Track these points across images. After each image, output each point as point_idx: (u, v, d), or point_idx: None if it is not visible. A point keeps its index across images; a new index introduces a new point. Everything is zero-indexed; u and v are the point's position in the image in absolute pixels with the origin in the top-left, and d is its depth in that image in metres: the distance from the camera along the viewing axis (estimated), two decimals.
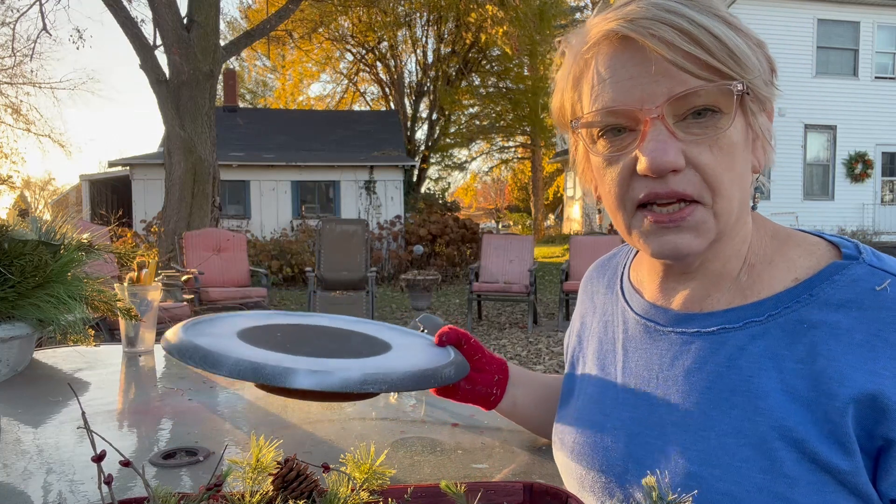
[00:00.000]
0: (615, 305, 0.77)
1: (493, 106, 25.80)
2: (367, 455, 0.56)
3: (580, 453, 0.72)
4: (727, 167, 0.58)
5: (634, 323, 0.72)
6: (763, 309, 0.61)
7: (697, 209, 0.59)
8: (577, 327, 0.85)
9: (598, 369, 0.75)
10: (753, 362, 0.59)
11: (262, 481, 0.51)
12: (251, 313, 0.94)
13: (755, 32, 0.60)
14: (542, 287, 11.04)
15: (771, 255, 0.64)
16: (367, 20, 21.39)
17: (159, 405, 1.13)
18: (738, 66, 0.56)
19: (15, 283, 0.80)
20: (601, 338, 0.77)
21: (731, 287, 0.64)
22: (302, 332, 0.90)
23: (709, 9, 0.57)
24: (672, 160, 0.56)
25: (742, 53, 0.56)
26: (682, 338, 0.65)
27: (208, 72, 9.14)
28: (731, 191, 0.59)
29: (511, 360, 5.87)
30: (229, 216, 14.60)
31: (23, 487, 0.78)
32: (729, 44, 0.56)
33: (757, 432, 0.57)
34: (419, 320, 1.22)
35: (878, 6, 15.31)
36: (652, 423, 0.65)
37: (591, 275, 0.87)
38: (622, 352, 0.72)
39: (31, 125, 21.13)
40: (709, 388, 0.61)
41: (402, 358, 0.81)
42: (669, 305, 0.68)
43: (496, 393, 0.87)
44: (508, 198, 44.09)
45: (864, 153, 15.56)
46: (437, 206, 16.61)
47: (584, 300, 0.85)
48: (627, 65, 0.58)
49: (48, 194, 28.47)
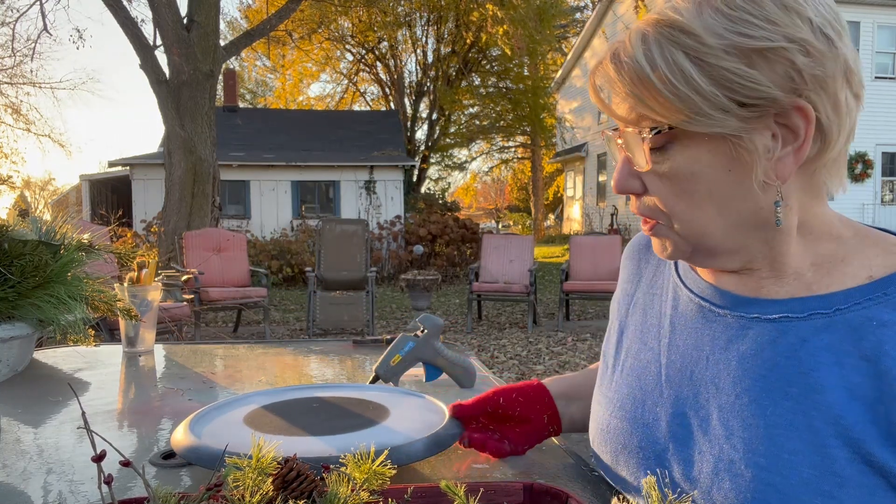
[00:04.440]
0: (666, 279, 0.76)
1: (493, 106, 25.78)
2: (367, 455, 0.56)
3: (617, 428, 0.71)
4: (680, 194, 0.62)
5: (687, 300, 0.70)
6: (832, 302, 0.60)
7: (658, 225, 0.65)
8: (618, 297, 0.83)
9: (640, 342, 0.74)
10: (814, 355, 0.58)
11: (262, 481, 0.51)
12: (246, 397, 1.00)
13: (782, 30, 0.55)
14: (542, 287, 11.03)
15: (844, 254, 0.63)
16: (367, 20, 21.38)
17: (159, 405, 1.13)
18: (664, 109, 0.58)
19: (15, 283, 0.80)
20: (646, 310, 0.76)
21: (793, 282, 0.63)
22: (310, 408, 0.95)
23: (673, 38, 0.57)
24: (623, 188, 0.65)
25: (673, 92, 0.56)
26: (739, 321, 0.64)
27: (208, 72, 9.13)
28: (692, 214, 0.62)
29: (511, 360, 5.84)
30: (229, 216, 14.59)
31: (23, 487, 0.78)
32: (658, 85, 0.57)
33: (811, 427, 0.56)
34: (419, 320, 1.22)
35: (878, 6, 15.30)
36: (697, 404, 0.64)
37: (640, 241, 0.84)
38: (669, 327, 0.71)
39: (31, 125, 21.13)
40: (763, 377, 0.60)
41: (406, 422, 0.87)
42: (727, 287, 0.67)
43: (553, 429, 0.88)
44: (508, 198, 44.08)
45: (864, 153, 15.56)
46: (437, 206, 16.60)
47: (629, 267, 0.84)
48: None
49: (48, 194, 28.48)
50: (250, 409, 0.93)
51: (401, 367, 1.16)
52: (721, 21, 0.56)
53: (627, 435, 0.70)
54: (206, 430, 0.84)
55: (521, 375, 5.42)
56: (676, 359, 0.69)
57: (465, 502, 0.51)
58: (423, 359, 1.20)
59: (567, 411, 0.87)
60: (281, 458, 0.53)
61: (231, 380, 1.32)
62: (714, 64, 0.56)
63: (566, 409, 0.87)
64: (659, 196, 0.63)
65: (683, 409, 0.65)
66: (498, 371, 5.60)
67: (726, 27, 0.56)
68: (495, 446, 0.85)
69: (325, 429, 0.84)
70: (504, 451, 0.85)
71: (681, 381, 0.67)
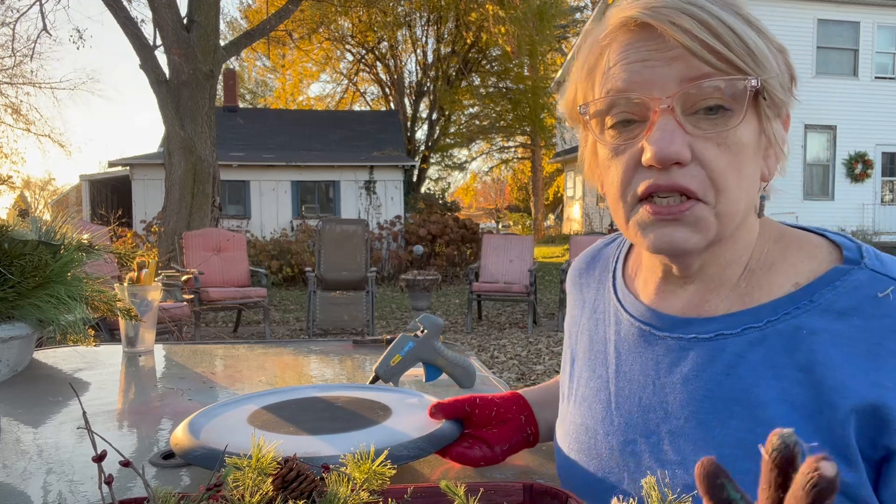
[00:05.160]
0: (607, 303, 0.74)
1: (493, 106, 25.82)
2: (367, 455, 0.56)
3: (575, 460, 0.71)
4: (734, 167, 0.57)
5: (628, 325, 0.69)
6: (762, 314, 0.59)
7: (698, 205, 0.57)
8: (568, 322, 0.82)
9: (590, 370, 0.73)
10: (753, 371, 0.57)
11: (262, 481, 0.51)
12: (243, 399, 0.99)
13: (777, 37, 0.59)
14: (542, 287, 11.03)
15: (773, 260, 0.62)
16: (367, 20, 21.39)
17: (159, 405, 1.13)
18: (756, 65, 0.55)
19: (15, 283, 0.80)
20: (592, 336, 0.75)
21: (730, 294, 0.62)
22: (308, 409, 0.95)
23: (732, 7, 0.56)
24: (677, 151, 0.55)
25: (761, 53, 0.56)
26: (679, 343, 0.63)
27: (208, 72, 9.13)
28: (737, 192, 0.57)
29: (511, 360, 5.83)
30: (229, 216, 14.60)
31: (23, 487, 0.78)
32: (748, 42, 0.55)
33: (757, 444, 0.56)
34: (419, 320, 1.22)
35: (878, 6, 15.30)
36: (648, 430, 0.63)
37: (579, 266, 0.83)
38: (614, 353, 0.70)
39: (31, 125, 21.13)
40: (708, 398, 0.59)
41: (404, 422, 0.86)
42: (666, 310, 0.66)
43: (531, 432, 0.84)
44: (508, 198, 44.07)
45: (864, 153, 15.55)
46: (437, 206, 16.61)
47: (573, 293, 0.82)
48: (642, 49, 0.57)
49: (48, 194, 28.46)
50: (250, 410, 0.93)
51: (401, 367, 1.16)
52: (738, 19, 0.57)
53: (584, 465, 0.69)
54: (206, 430, 0.84)
55: (521, 375, 5.42)
56: (624, 385, 0.67)
57: (464, 502, 0.51)
58: (423, 359, 1.20)
59: (543, 416, 0.85)
60: (281, 457, 0.53)
61: (231, 380, 1.32)
62: (771, 43, 0.57)
63: (541, 414, 0.85)
64: (714, 166, 0.56)
65: (634, 437, 0.64)
66: (498, 371, 5.60)
67: (746, 23, 0.57)
68: (459, 452, 0.80)
69: (323, 429, 0.84)
70: (472, 458, 0.80)
71: (630, 408, 0.66)
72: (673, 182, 0.56)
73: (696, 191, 0.56)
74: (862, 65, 15.42)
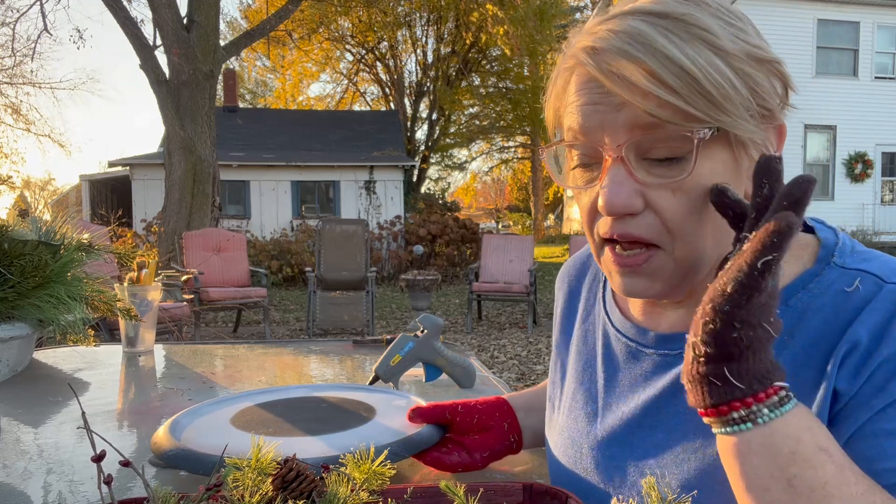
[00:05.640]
0: (596, 315, 0.74)
1: (493, 106, 25.79)
2: (367, 455, 0.56)
3: (564, 471, 0.71)
4: (693, 211, 0.55)
5: (615, 340, 0.69)
6: None
7: (655, 255, 0.57)
8: (557, 332, 0.81)
9: (576, 382, 0.73)
10: None
11: (262, 481, 0.51)
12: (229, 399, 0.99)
13: (768, 47, 0.56)
14: (542, 287, 11.03)
15: None
16: (367, 20, 21.39)
17: (159, 405, 1.13)
18: (711, 106, 0.52)
19: (15, 283, 0.80)
20: (580, 348, 0.75)
21: None
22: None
23: (693, 34, 0.53)
24: (623, 204, 0.54)
25: (720, 92, 0.52)
26: (665, 359, 0.64)
27: (208, 72, 9.13)
28: (697, 236, 0.56)
29: (511, 360, 5.82)
30: (229, 216, 14.60)
31: (23, 487, 0.78)
32: (703, 82, 0.51)
33: None
34: (419, 320, 1.22)
35: (878, 6, 15.31)
36: (632, 444, 0.64)
37: (569, 273, 0.82)
38: (602, 367, 0.70)
39: (31, 125, 21.15)
40: (692, 412, 0.59)
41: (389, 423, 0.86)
42: (654, 328, 0.66)
43: (514, 439, 0.83)
44: (508, 198, 44.08)
45: (864, 153, 15.56)
46: (436, 206, 16.61)
47: (563, 301, 0.81)
48: (593, 91, 0.56)
49: (48, 194, 28.49)
50: (235, 410, 0.92)
51: (401, 367, 1.16)
52: (726, 28, 0.54)
53: (572, 479, 0.69)
54: (187, 431, 0.83)
55: (521, 375, 5.42)
56: (611, 399, 0.68)
57: (464, 502, 0.51)
58: (423, 359, 1.20)
59: (528, 423, 0.84)
60: (281, 458, 0.53)
61: (231, 380, 1.32)
62: (738, 67, 0.53)
63: (526, 421, 0.84)
64: (668, 214, 0.55)
65: (619, 451, 0.65)
66: (498, 371, 5.60)
67: (733, 34, 0.54)
68: (434, 457, 0.80)
69: (298, 430, 0.83)
70: (448, 464, 0.79)
71: (614, 423, 0.66)
72: (626, 232, 0.56)
73: (651, 239, 0.56)
74: (862, 65, 15.42)
